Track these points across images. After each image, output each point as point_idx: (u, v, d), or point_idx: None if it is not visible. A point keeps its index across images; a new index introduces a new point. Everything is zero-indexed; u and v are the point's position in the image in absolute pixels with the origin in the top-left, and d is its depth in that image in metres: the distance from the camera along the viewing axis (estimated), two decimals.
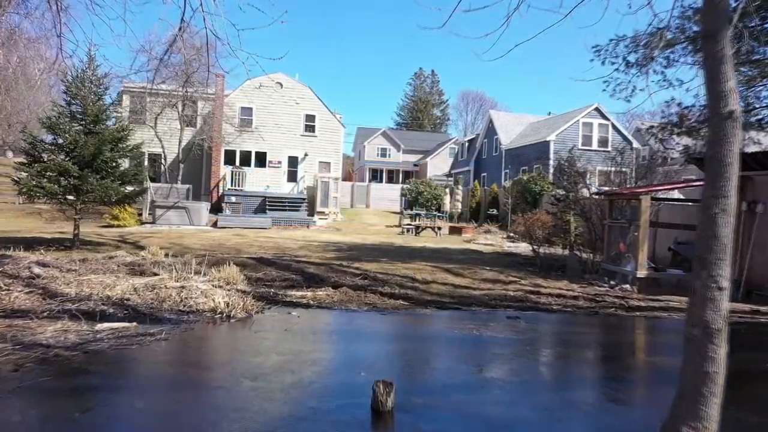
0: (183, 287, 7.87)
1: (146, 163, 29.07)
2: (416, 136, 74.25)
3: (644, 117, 47.38)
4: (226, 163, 28.62)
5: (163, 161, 27.58)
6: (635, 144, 33.59)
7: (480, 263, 13.31)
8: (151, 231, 19.75)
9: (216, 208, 26.27)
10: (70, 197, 13.34)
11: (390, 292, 9.12)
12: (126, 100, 28.29)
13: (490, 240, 20.91)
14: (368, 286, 9.47)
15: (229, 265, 9.32)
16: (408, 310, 8.09)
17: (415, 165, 63.97)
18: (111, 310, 6.90)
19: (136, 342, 5.59)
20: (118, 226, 21.72)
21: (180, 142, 26.71)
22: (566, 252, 17.16)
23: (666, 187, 12.74)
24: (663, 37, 12.25)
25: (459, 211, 29.90)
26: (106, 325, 6.13)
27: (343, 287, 9.14)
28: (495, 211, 27.06)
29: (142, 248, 13.89)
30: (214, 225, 23.01)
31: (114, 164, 13.20)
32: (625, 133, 34.12)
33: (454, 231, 23.50)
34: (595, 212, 14.05)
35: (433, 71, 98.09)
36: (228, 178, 27.59)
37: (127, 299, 7.40)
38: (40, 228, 20.23)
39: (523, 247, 18.59)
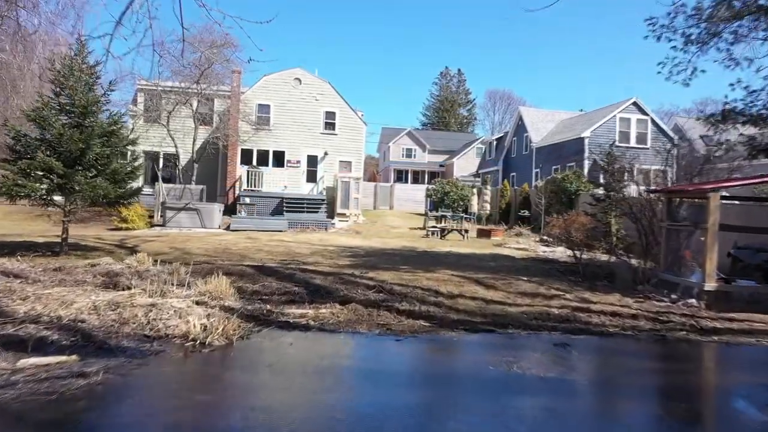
0: (153, 305, 6.44)
1: (161, 163, 28.08)
2: (442, 136, 72.59)
3: (679, 113, 44.90)
4: (242, 162, 27.42)
5: (177, 161, 26.45)
6: (676, 141, 31.47)
7: (514, 272, 11.65)
8: (157, 234, 18.54)
9: (231, 210, 25.04)
10: (58, 197, 12.10)
11: (409, 309, 7.56)
12: (141, 99, 27.29)
13: (522, 244, 19.17)
14: (383, 301, 7.92)
15: (218, 275, 7.87)
16: (430, 334, 6.52)
17: (441, 166, 62.35)
18: (55, 336, 5.49)
19: (59, 388, 4.14)
20: (127, 229, 20.62)
21: (194, 141, 25.59)
22: (609, 258, 15.39)
23: (739, 182, 10.89)
24: (730, 6, 10.51)
25: (487, 212, 28.17)
26: (32, 360, 4.69)
27: (353, 303, 7.61)
28: (526, 213, 25.26)
29: (136, 254, 12.61)
30: (228, 228, 21.75)
31: (105, 161, 11.91)
32: (666, 128, 31.98)
33: (483, 234, 21.81)
34: (647, 213, 12.26)
35: (459, 70, 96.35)
36: (244, 178, 26.36)
37: (82, 321, 6.00)
38: (43, 231, 19.19)
39: (560, 252, 16.85)
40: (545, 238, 20.80)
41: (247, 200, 24.99)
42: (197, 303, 6.97)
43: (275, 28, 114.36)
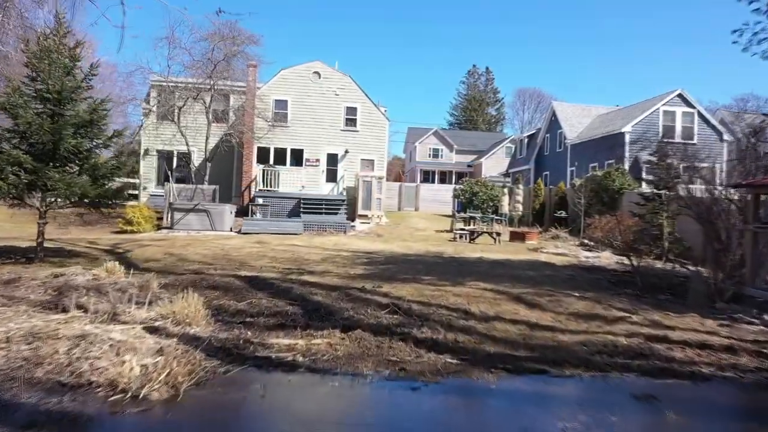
0: (84, 337, 4.80)
1: (174, 162, 26.79)
2: (470, 136, 70.52)
3: (719, 109, 41.93)
4: (258, 161, 25.95)
5: (189, 160, 25.08)
6: (726, 136, 29.00)
7: (558, 284, 9.76)
8: (160, 238, 17.10)
9: (246, 211, 23.56)
10: (34, 197, 10.66)
11: (431, 337, 5.79)
12: (153, 96, 26.03)
13: (561, 248, 17.19)
14: (398, 326, 6.16)
15: (188, 292, 6.21)
16: (458, 376, 4.75)
17: (469, 166, 60.34)
18: None
19: None
20: (131, 232, 19.31)
21: (207, 138, 24.19)
22: (663, 265, 13.38)
23: None
24: None
25: (520, 213, 26.14)
26: None
27: (359, 329, 5.88)
28: (563, 214, 23.19)
29: (125, 261, 11.10)
30: (239, 230, 20.24)
31: (84, 154, 10.41)
32: (714, 122, 29.49)
33: (516, 237, 19.87)
34: (720, 213, 10.22)
35: (487, 68, 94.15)
36: (259, 178, 24.88)
37: None
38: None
39: (606, 259, 14.86)
40: (586, 241, 18.80)
41: (260, 201, 23.48)
42: (152, 330, 5.33)
43: (296, 23, 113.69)
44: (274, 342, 5.44)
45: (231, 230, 20.53)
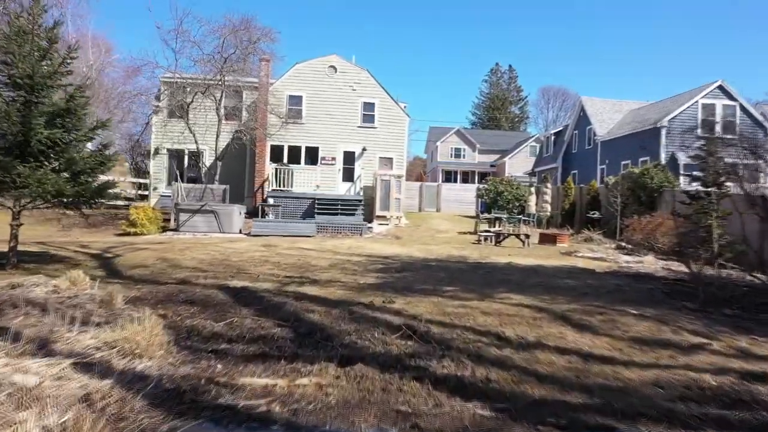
0: None
1: (186, 162, 25.76)
2: (493, 135, 68.85)
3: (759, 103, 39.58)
4: (272, 160, 24.78)
5: (198, 159, 23.99)
6: None
7: (605, 295, 8.25)
8: (162, 240, 15.95)
9: (259, 212, 22.38)
10: (7, 195, 9.50)
11: (454, 374, 4.39)
12: (164, 95, 24.99)
13: (597, 252, 15.62)
14: (412, 357, 4.77)
15: (155, 310, 4.92)
16: None
17: (492, 166, 58.74)
18: None
19: None
20: (135, 234, 18.24)
21: (217, 136, 23.05)
22: (716, 271, 11.77)
23: None
24: None
25: (548, 214, 24.54)
26: None
27: (360, 363, 4.52)
28: (596, 214, 21.52)
29: (109, 267, 9.94)
30: (249, 232, 19.04)
31: (61, 147, 9.22)
32: (757, 116, 27.48)
33: (546, 239, 18.30)
34: None
35: (510, 66, 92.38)
36: (272, 177, 23.68)
37: None
38: (41, 236, 16.97)
39: (650, 263, 13.31)
40: (623, 244, 17.18)
41: (271, 201, 22.30)
42: (85, 367, 4.02)
43: (312, 19, 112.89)
44: (246, 382, 4.10)
45: (240, 232, 19.34)
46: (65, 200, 9.51)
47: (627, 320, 6.26)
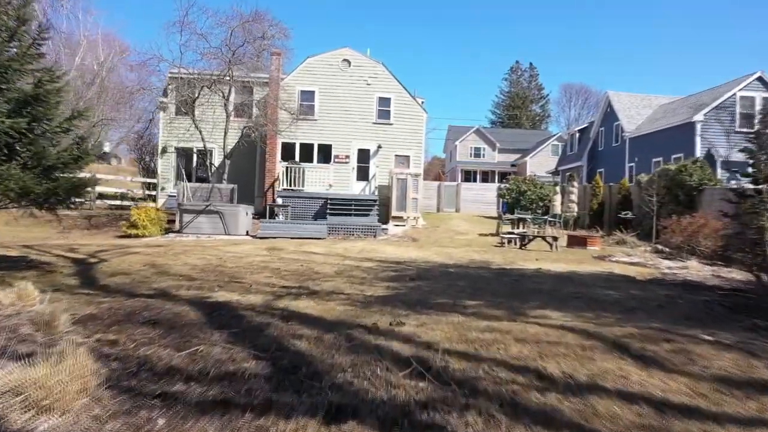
0: None
1: (194, 160, 24.77)
2: (513, 134, 67.27)
3: None
4: (283, 158, 23.65)
5: (205, 157, 22.94)
6: None
7: (656, 311, 6.87)
8: (160, 243, 14.88)
9: (270, 213, 21.28)
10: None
11: None
12: (173, 91, 23.96)
13: (634, 256, 14.17)
14: (425, 407, 3.48)
15: (73, 350, 3.72)
16: None
17: (513, 165, 57.27)
18: None
19: None
20: (136, 236, 17.23)
21: (225, 133, 21.98)
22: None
23: None
24: None
25: (575, 214, 23.06)
26: None
27: (353, 419, 3.27)
28: (628, 214, 19.98)
29: (87, 275, 8.83)
30: (256, 234, 17.92)
31: (29, 138, 8.11)
32: None
33: (575, 242, 16.87)
34: None
35: (531, 64, 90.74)
36: (282, 176, 22.54)
37: None
38: (36, 239, 16.04)
39: (696, 270, 11.86)
40: (661, 247, 15.69)
41: (280, 201, 21.16)
42: None
43: (317, 18, 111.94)
44: None
45: (247, 234, 18.23)
46: (36, 199, 8.39)
47: (702, 350, 4.89)
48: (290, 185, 22.44)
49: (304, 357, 4.36)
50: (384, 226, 20.14)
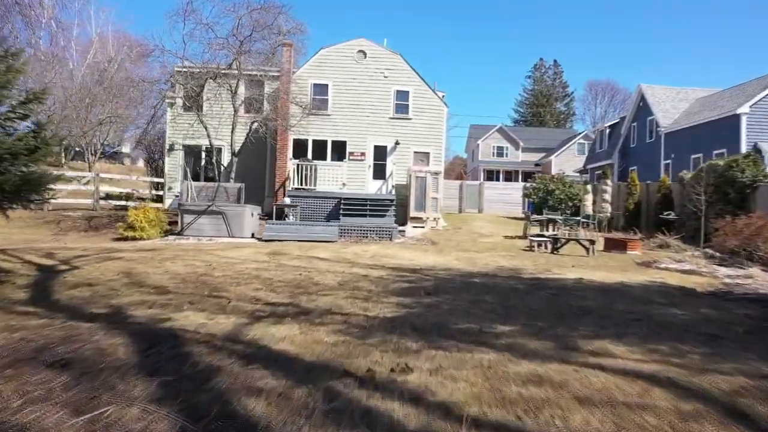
0: None
1: (203, 159, 23.53)
2: (537, 133, 65.17)
3: None
4: (295, 156, 22.25)
5: (213, 155, 21.64)
6: None
7: (754, 342, 5.24)
8: (153, 247, 13.54)
9: (279, 213, 19.92)
10: None
11: None
12: (179, 85, 22.70)
13: (683, 262, 12.43)
14: None
15: None
16: None
17: (537, 165, 55.34)
18: None
19: None
20: (133, 238, 15.96)
21: (233, 129, 20.69)
22: None
23: None
24: None
25: (608, 214, 21.23)
26: None
27: None
28: (671, 215, 18.12)
29: (43, 287, 7.48)
30: (261, 237, 16.54)
31: None
32: None
33: (613, 245, 15.13)
34: None
35: (555, 61, 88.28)
36: (293, 175, 21.12)
37: None
38: (26, 241, 14.87)
39: (763, 279, 10.10)
40: (711, 252, 13.91)
41: (288, 201, 19.75)
42: None
43: (336, 9, 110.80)
44: None
45: (253, 236, 16.86)
46: None
47: None
48: (301, 184, 21.03)
49: (256, 428, 2.86)
50: (401, 228, 18.61)
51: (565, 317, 6.01)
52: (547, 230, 18.76)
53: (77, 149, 32.24)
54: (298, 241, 15.77)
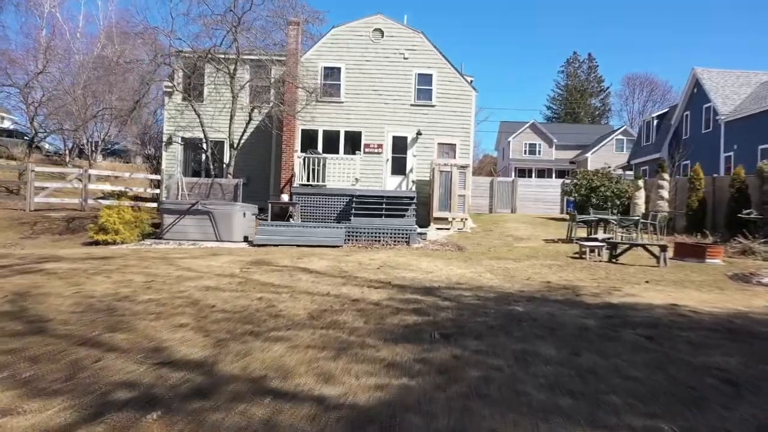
0: None
1: (206, 153, 21.11)
2: (571, 129, 61.57)
3: None
4: (304, 148, 19.65)
5: (207, 147, 19.13)
6: None
7: None
8: (116, 254, 11.03)
9: (283, 214, 17.32)
10: None
11: None
12: (175, 69, 20.28)
13: None
14: None
15: None
16: None
17: (572, 162, 52.02)
18: None
19: None
20: (105, 242, 13.56)
21: (231, 117, 18.20)
22: None
23: None
24: None
25: (665, 214, 18.01)
26: None
27: None
28: (752, 213, 14.84)
29: None
30: (253, 241, 13.93)
31: None
32: None
33: (687, 252, 12.02)
34: None
35: (589, 55, 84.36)
36: (299, 169, 18.48)
37: None
38: None
39: None
40: None
41: (285, 198, 17.17)
42: None
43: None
44: None
45: (245, 240, 14.27)
46: None
47: None
48: (309, 180, 18.37)
49: None
50: (421, 230, 15.80)
51: (700, 402, 3.17)
52: (596, 233, 15.74)
53: (80, 146, 30.31)
54: (296, 246, 13.12)
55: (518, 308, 5.93)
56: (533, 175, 52.24)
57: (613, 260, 11.34)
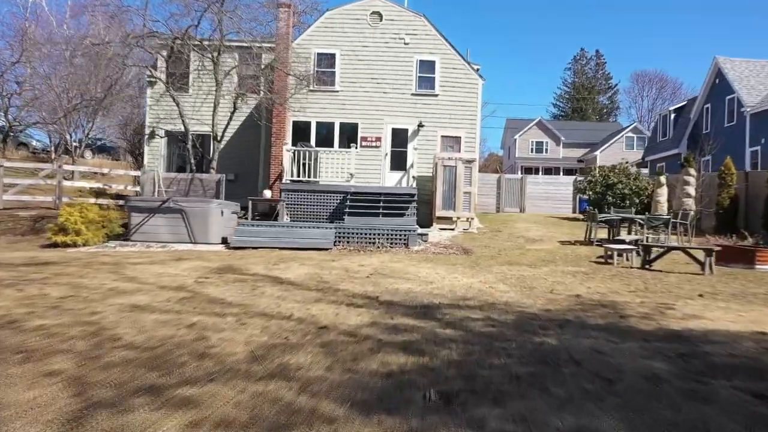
0: None
1: (190, 148, 19.47)
2: (579, 127, 59.79)
3: None
4: (295, 141, 18.01)
5: (188, 140, 17.46)
6: None
7: None
8: (61, 259, 9.42)
9: (271, 212, 15.68)
10: None
11: None
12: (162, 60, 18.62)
13: None
14: None
15: None
16: None
17: (580, 161, 50.38)
18: None
19: None
20: (65, 245, 11.95)
21: (215, 107, 16.58)
22: None
23: None
24: None
25: (692, 213, 16.27)
26: None
27: None
28: None
29: None
30: (230, 243, 12.30)
31: None
32: None
33: (733, 257, 10.30)
34: None
35: (597, 51, 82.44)
36: (289, 164, 16.84)
37: None
38: None
39: None
40: None
41: (268, 194, 15.55)
42: None
43: None
44: None
45: (224, 242, 12.62)
46: None
47: None
48: (299, 175, 16.71)
49: None
50: (422, 231, 14.13)
51: None
52: (618, 234, 14.05)
53: (65, 142, 28.72)
54: (279, 248, 11.49)
55: (549, 340, 4.26)
56: (540, 173, 50.55)
57: (647, 266, 9.64)
